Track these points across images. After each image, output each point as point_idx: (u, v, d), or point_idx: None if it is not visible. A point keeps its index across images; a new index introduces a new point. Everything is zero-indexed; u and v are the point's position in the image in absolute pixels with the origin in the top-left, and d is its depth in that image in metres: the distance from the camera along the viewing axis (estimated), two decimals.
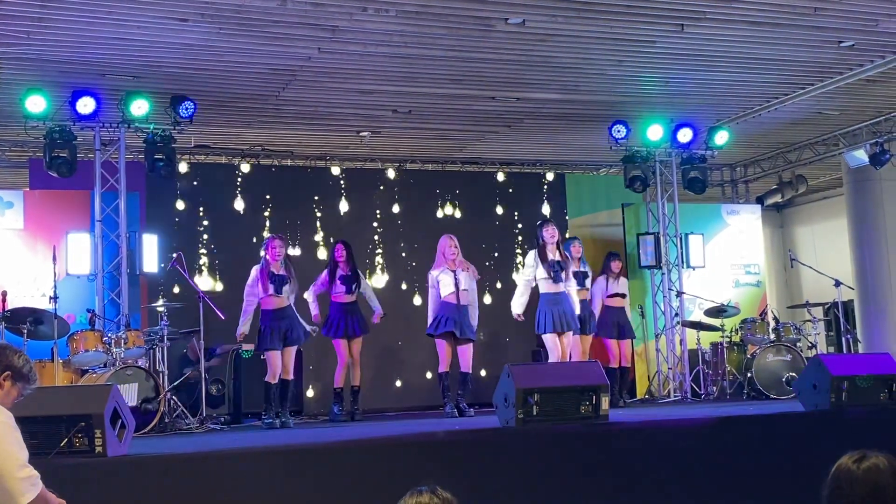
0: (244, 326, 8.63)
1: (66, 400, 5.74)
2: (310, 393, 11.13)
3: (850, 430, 6.68)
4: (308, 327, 8.92)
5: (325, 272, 9.50)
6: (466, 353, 9.02)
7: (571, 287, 9.09)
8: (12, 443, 3.50)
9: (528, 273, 8.71)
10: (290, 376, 8.69)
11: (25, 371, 3.72)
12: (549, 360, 8.64)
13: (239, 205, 11.55)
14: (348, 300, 9.36)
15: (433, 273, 9.17)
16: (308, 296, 9.41)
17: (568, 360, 8.77)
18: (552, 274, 8.60)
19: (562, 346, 8.65)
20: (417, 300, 11.90)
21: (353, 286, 9.38)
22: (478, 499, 5.43)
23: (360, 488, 5.53)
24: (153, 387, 7.97)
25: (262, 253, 8.80)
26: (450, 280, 8.97)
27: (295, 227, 11.69)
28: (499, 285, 12.15)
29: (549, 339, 8.64)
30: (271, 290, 8.62)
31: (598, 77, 9.77)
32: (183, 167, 11.17)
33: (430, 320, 9.13)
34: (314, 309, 9.36)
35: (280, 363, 8.55)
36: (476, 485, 5.63)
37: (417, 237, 12.11)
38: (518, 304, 8.68)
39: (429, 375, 11.78)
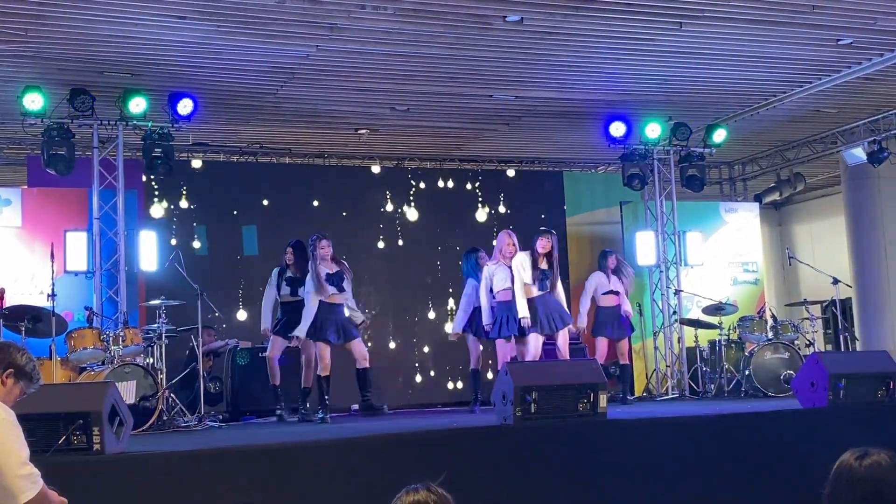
0: (305, 328, 8.53)
1: (64, 397, 5.74)
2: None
3: (848, 427, 6.67)
4: (359, 318, 8.90)
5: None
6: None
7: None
8: (13, 440, 3.49)
9: (526, 276, 8.64)
10: (368, 363, 8.72)
11: (28, 369, 3.71)
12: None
13: (236, 202, 11.55)
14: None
15: (489, 267, 9.00)
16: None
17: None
18: (537, 281, 8.61)
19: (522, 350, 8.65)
20: (417, 298, 11.92)
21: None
22: (476, 496, 5.44)
23: (358, 485, 5.53)
24: (151, 384, 7.97)
25: (312, 252, 8.68)
26: (505, 275, 8.81)
27: (293, 225, 11.67)
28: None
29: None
30: (332, 290, 8.59)
31: (597, 75, 9.77)
32: (181, 165, 11.14)
33: (484, 319, 8.94)
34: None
35: (329, 357, 8.51)
36: (474, 482, 5.64)
37: (415, 234, 12.12)
38: (523, 308, 8.57)
39: (432, 374, 11.82)
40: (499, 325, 8.78)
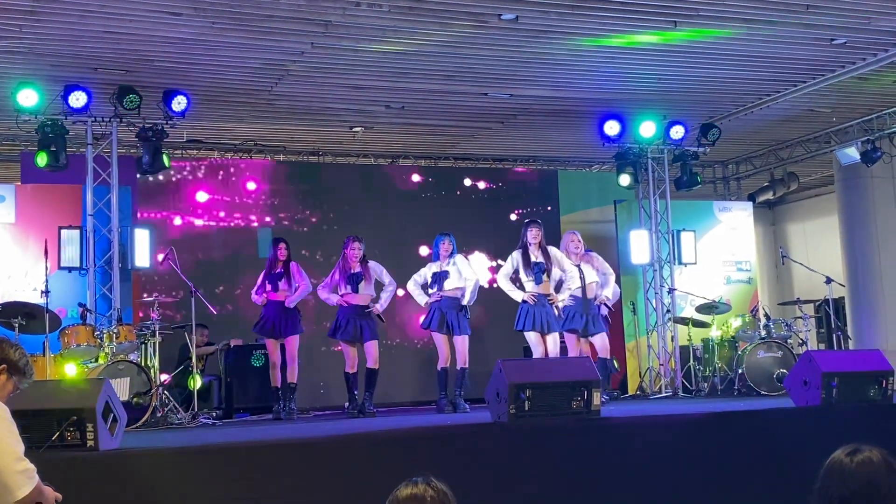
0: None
1: (58, 394, 5.73)
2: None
3: (841, 426, 6.69)
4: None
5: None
6: (602, 342, 9.38)
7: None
8: (8, 436, 3.49)
9: (507, 269, 8.82)
10: (377, 365, 8.91)
11: (21, 365, 3.71)
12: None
13: (231, 199, 11.54)
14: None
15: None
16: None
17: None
18: (533, 276, 8.63)
19: (545, 346, 8.63)
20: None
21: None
22: (469, 493, 5.44)
23: (352, 482, 5.54)
24: (145, 381, 7.96)
25: (343, 251, 8.98)
26: (575, 273, 9.05)
27: (290, 223, 11.68)
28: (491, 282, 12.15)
29: (532, 337, 8.65)
30: (348, 289, 8.82)
31: (591, 74, 9.78)
32: (175, 162, 11.14)
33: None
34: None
35: (356, 355, 8.85)
36: (468, 479, 5.64)
37: (411, 233, 12.11)
38: (517, 295, 8.69)
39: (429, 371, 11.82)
40: (565, 318, 9.14)
